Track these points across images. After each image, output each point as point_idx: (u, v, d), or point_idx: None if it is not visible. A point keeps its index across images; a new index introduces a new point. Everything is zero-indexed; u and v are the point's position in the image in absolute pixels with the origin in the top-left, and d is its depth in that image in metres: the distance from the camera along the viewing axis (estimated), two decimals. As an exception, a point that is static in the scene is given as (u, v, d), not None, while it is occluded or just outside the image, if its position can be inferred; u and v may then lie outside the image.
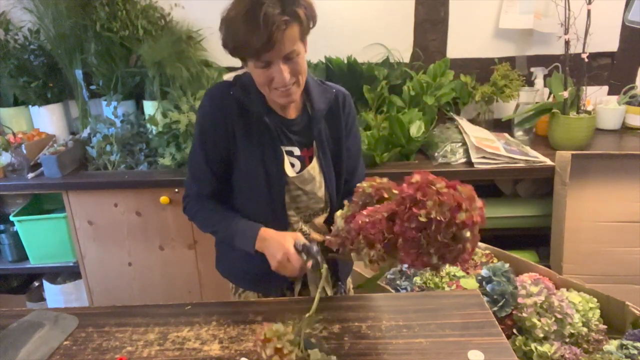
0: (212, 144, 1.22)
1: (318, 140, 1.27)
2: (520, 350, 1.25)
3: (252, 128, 1.21)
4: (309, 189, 1.28)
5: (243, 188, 1.27)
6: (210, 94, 1.23)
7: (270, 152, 1.22)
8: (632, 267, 1.95)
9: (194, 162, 1.27)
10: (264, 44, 1.03)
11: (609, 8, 2.34)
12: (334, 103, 1.29)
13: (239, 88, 1.22)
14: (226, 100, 1.20)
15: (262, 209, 1.26)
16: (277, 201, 1.25)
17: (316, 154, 1.28)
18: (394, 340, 1.09)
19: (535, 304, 1.26)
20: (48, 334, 1.13)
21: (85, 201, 2.09)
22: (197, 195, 1.28)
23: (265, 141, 1.22)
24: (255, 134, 1.21)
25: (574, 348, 1.22)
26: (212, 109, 1.21)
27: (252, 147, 1.22)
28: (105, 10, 2.14)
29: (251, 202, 1.27)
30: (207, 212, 1.28)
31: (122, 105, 2.28)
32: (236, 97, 1.20)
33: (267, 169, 1.23)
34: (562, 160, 1.95)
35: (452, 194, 0.75)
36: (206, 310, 1.22)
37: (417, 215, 0.75)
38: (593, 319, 1.34)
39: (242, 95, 1.21)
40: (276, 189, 1.24)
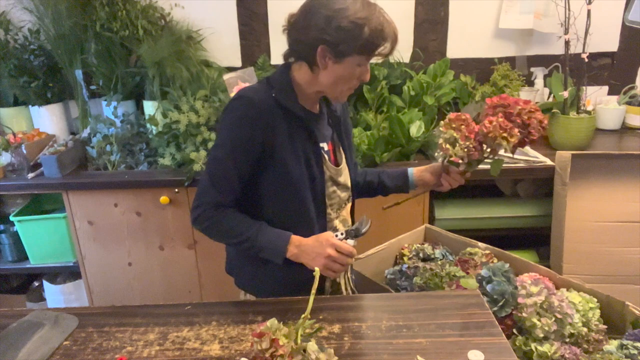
0: (245, 150, 1.17)
1: (339, 132, 1.34)
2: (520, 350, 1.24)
3: (293, 130, 1.20)
4: (342, 180, 1.32)
5: (278, 196, 1.22)
6: (248, 97, 1.16)
7: (312, 151, 1.23)
8: (632, 267, 1.95)
9: (219, 169, 1.19)
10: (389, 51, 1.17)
11: (609, 8, 2.34)
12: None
13: (279, 90, 1.19)
14: (268, 103, 1.17)
15: (302, 213, 1.23)
16: (319, 201, 1.26)
17: (339, 144, 1.34)
18: (394, 340, 1.09)
19: (535, 304, 1.26)
20: (48, 334, 1.13)
21: (85, 201, 2.09)
22: (215, 204, 1.21)
23: (307, 142, 1.22)
24: (296, 136, 1.20)
25: (574, 348, 1.21)
26: (252, 112, 1.15)
27: (296, 149, 1.20)
28: (105, 10, 2.14)
29: (289, 209, 1.23)
30: (229, 221, 1.21)
31: (122, 105, 2.28)
32: (278, 100, 1.18)
33: (310, 170, 1.22)
34: (562, 160, 1.95)
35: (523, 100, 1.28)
36: (206, 310, 1.22)
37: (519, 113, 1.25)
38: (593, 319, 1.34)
39: (283, 96, 1.18)
40: (319, 189, 1.25)
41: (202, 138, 2.03)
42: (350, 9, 1.09)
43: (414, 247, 1.71)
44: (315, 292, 1.02)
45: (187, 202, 2.07)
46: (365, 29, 1.09)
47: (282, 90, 1.19)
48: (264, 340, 0.88)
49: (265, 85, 1.21)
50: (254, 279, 1.35)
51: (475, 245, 1.66)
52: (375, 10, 1.12)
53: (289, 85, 1.20)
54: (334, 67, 1.14)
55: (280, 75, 1.22)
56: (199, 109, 2.08)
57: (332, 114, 1.33)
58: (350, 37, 1.09)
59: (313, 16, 1.11)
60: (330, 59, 1.13)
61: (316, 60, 1.14)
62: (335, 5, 1.10)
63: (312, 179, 1.23)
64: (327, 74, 1.16)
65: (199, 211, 1.22)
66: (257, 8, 2.41)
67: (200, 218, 1.22)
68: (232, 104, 1.18)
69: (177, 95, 2.17)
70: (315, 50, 1.12)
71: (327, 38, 1.10)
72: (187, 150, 2.02)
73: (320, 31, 1.10)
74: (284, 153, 1.18)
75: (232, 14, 2.41)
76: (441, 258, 1.66)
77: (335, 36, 1.09)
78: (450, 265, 1.57)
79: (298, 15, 1.15)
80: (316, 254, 1.17)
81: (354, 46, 1.11)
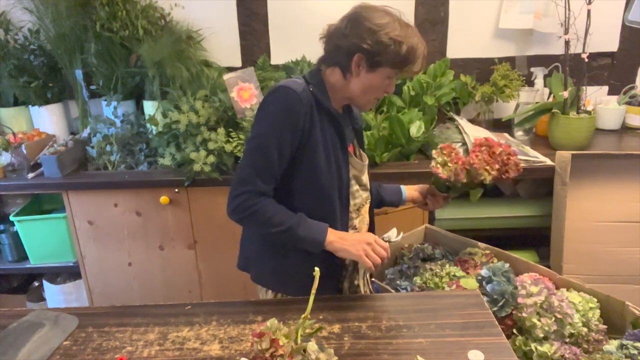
0: (289, 138, 1.21)
1: (358, 134, 1.43)
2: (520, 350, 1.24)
3: (326, 127, 1.26)
4: (364, 179, 1.40)
5: (308, 189, 1.27)
6: (289, 89, 1.21)
7: (341, 150, 1.30)
8: (632, 267, 1.95)
9: (263, 158, 1.21)
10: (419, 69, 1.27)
11: (609, 8, 2.34)
12: None
13: (316, 87, 1.25)
14: (308, 97, 1.22)
15: (327, 209, 1.29)
16: (344, 198, 1.32)
17: (359, 148, 1.43)
18: (394, 340, 1.09)
19: (535, 304, 1.26)
20: (48, 334, 1.13)
21: (85, 201, 2.09)
22: (258, 193, 1.23)
23: (337, 140, 1.29)
24: (328, 133, 1.26)
25: (574, 348, 1.21)
26: (294, 102, 1.20)
27: (327, 145, 1.26)
28: (105, 10, 2.14)
29: (316, 204, 1.28)
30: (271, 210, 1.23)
31: (122, 105, 2.28)
32: (315, 95, 1.24)
33: (338, 167, 1.28)
34: (562, 160, 1.95)
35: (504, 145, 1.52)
36: (206, 310, 1.22)
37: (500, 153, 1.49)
38: (593, 319, 1.34)
39: (320, 93, 1.25)
40: (345, 186, 1.31)
41: (202, 138, 2.03)
42: (391, 26, 1.19)
43: (414, 247, 1.71)
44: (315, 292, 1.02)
45: (187, 202, 2.07)
46: (404, 47, 1.19)
47: (318, 87, 1.26)
48: (264, 340, 0.88)
49: (302, 80, 1.26)
50: (275, 274, 1.36)
51: (475, 245, 1.66)
52: (413, 31, 1.22)
53: (323, 85, 1.28)
54: (366, 76, 1.23)
55: (315, 76, 1.29)
56: (199, 109, 2.08)
57: (352, 117, 1.41)
58: (388, 51, 1.18)
59: (356, 26, 1.20)
60: (364, 68, 1.22)
61: (350, 67, 1.22)
62: (377, 20, 1.19)
63: (339, 175, 1.29)
64: (358, 82, 1.24)
65: (239, 200, 1.23)
66: (257, 8, 2.41)
67: (242, 207, 1.23)
68: (274, 95, 1.22)
69: (177, 95, 2.17)
70: (352, 57, 1.20)
71: (366, 47, 1.18)
72: (187, 150, 2.02)
73: (361, 40, 1.18)
74: (317, 147, 1.24)
75: (232, 14, 2.41)
76: (441, 258, 1.66)
77: (375, 48, 1.18)
78: (450, 265, 1.57)
79: (340, 23, 1.24)
80: (357, 241, 1.23)
81: (389, 59, 1.20)
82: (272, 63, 2.45)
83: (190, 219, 2.11)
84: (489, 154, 1.48)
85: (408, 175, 1.98)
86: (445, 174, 1.46)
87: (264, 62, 2.42)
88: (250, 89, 2.10)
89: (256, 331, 0.90)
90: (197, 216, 2.10)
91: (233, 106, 2.10)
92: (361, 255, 1.21)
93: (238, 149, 2.03)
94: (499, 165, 1.47)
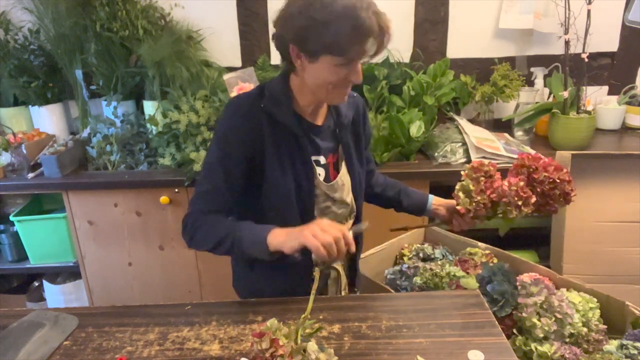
0: (235, 159, 1.14)
1: (346, 145, 1.26)
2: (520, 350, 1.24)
3: (282, 142, 1.15)
4: (338, 196, 1.26)
5: (272, 205, 1.19)
6: (236, 107, 1.14)
7: (301, 165, 1.18)
8: (632, 267, 1.95)
9: (209, 178, 1.16)
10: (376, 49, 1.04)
11: (609, 8, 2.34)
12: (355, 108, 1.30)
13: (270, 99, 1.14)
14: (256, 113, 1.13)
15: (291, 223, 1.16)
16: (308, 215, 1.20)
17: (344, 159, 1.27)
18: (394, 340, 1.09)
19: (535, 304, 1.26)
20: (48, 334, 1.13)
21: (85, 201, 2.09)
22: (201, 212, 1.17)
23: (296, 154, 1.17)
24: (285, 148, 1.16)
25: (574, 348, 1.21)
26: (239, 122, 1.12)
27: (283, 161, 1.16)
28: (105, 10, 2.14)
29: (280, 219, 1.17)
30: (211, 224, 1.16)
31: (122, 105, 2.28)
32: (267, 110, 1.14)
33: (298, 183, 1.18)
34: (562, 160, 1.95)
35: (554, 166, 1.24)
36: (206, 310, 1.22)
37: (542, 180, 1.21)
38: (593, 319, 1.34)
39: (273, 106, 1.14)
40: (307, 203, 1.20)
41: (202, 138, 2.03)
42: (315, 4, 0.98)
43: (414, 247, 1.71)
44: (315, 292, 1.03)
45: (187, 202, 2.07)
46: (332, 27, 0.98)
47: (274, 98, 1.14)
48: (264, 340, 0.88)
49: (257, 92, 1.17)
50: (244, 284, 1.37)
51: (475, 245, 1.66)
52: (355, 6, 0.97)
53: (283, 93, 1.15)
54: (311, 68, 1.06)
55: (277, 82, 1.17)
56: (199, 109, 2.08)
57: (340, 124, 1.26)
58: (316, 36, 0.99)
59: (281, 15, 1.04)
60: (305, 59, 1.05)
61: (294, 62, 1.08)
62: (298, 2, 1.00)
63: (298, 192, 1.18)
64: (308, 76, 1.09)
65: (184, 223, 1.19)
66: (257, 8, 2.41)
67: (187, 230, 1.18)
68: (223, 114, 1.16)
69: (177, 95, 2.17)
70: (288, 50, 1.06)
71: (292, 36, 1.02)
72: (187, 150, 2.02)
73: (286, 29, 1.03)
74: (272, 164, 1.15)
75: (232, 14, 2.41)
76: (441, 258, 1.66)
77: (300, 34, 1.00)
78: (450, 265, 1.57)
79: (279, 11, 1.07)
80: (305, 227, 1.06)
81: (321, 46, 1.01)
82: (272, 63, 2.45)
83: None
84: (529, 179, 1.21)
85: (408, 176, 1.98)
86: (462, 207, 1.26)
87: (264, 62, 2.42)
88: (250, 89, 2.10)
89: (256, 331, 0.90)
90: (197, 216, 2.10)
91: (233, 106, 2.10)
92: (307, 238, 1.03)
93: (238, 149, 2.03)
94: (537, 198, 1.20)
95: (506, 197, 1.19)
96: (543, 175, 1.19)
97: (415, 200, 1.46)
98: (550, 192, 1.20)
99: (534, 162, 1.22)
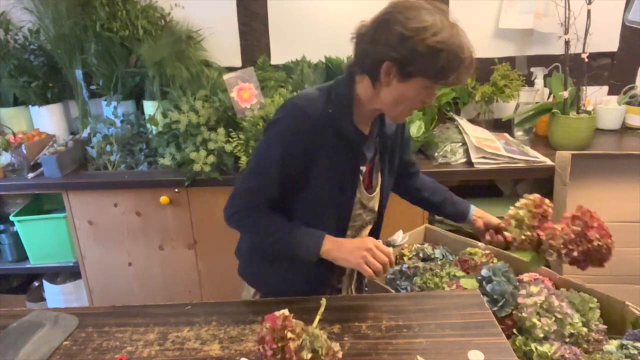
0: (293, 160, 1.13)
1: (383, 156, 1.28)
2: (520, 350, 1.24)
3: (338, 149, 1.15)
4: (370, 205, 1.29)
5: (308, 208, 1.21)
6: (304, 109, 1.11)
7: (351, 174, 1.20)
8: (632, 267, 1.95)
9: (260, 177, 1.17)
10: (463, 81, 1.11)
11: (609, 8, 2.34)
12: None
13: (337, 107, 1.13)
14: (322, 119, 1.12)
15: (325, 228, 1.20)
16: (343, 221, 1.24)
17: (379, 169, 1.29)
18: (394, 340, 1.09)
19: (535, 304, 1.26)
20: (48, 334, 1.13)
21: (85, 201, 2.09)
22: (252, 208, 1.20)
23: (348, 163, 1.18)
24: (339, 156, 1.16)
25: (574, 348, 1.21)
26: (305, 126, 1.11)
27: (333, 168, 1.16)
28: (105, 10, 2.14)
29: (311, 224, 1.20)
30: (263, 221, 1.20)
31: (122, 105, 2.28)
32: (333, 117, 1.13)
33: (343, 191, 1.20)
34: (562, 160, 1.95)
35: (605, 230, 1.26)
36: (206, 310, 1.22)
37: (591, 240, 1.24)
38: (593, 319, 1.34)
39: (339, 114, 1.13)
40: (346, 210, 1.23)
41: (202, 138, 2.03)
42: (430, 30, 1.00)
43: (414, 247, 1.71)
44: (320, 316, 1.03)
45: (187, 202, 2.07)
46: (443, 55, 1.01)
47: (340, 107, 1.14)
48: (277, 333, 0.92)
49: (325, 96, 1.15)
50: (258, 275, 1.37)
51: (475, 245, 1.66)
52: (458, 34, 1.04)
53: (348, 101, 1.14)
54: (398, 86, 1.07)
55: (343, 87, 1.15)
56: (199, 109, 2.08)
57: (382, 134, 1.27)
58: (423, 60, 1.02)
59: (385, 31, 1.03)
60: (394, 77, 1.06)
61: (379, 76, 1.07)
62: (412, 24, 1.00)
63: (340, 200, 1.21)
64: (389, 92, 1.09)
65: (232, 211, 1.22)
66: (257, 8, 2.41)
67: (234, 218, 1.22)
68: (287, 112, 1.14)
69: (177, 95, 2.16)
70: (380, 65, 1.05)
71: (395, 56, 1.02)
72: (187, 150, 2.02)
73: (390, 48, 1.02)
74: (322, 170, 1.16)
75: (232, 14, 2.41)
76: (441, 258, 1.66)
77: (407, 56, 1.02)
78: (450, 265, 1.57)
79: (369, 26, 1.07)
80: (356, 247, 1.14)
81: (424, 70, 1.03)
82: (272, 63, 2.45)
83: (190, 219, 2.11)
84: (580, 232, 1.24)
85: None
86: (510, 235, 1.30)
87: (264, 62, 2.42)
88: (250, 89, 2.10)
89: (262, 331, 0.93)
90: (197, 216, 2.10)
91: (233, 106, 2.10)
92: (360, 264, 1.13)
93: (238, 149, 2.03)
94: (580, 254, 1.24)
95: (555, 241, 1.25)
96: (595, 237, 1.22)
97: (458, 210, 1.47)
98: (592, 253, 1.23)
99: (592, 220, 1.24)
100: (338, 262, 1.17)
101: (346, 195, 1.21)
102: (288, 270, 1.28)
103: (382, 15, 1.06)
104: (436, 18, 1.02)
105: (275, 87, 2.29)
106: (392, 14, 1.03)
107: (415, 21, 1.01)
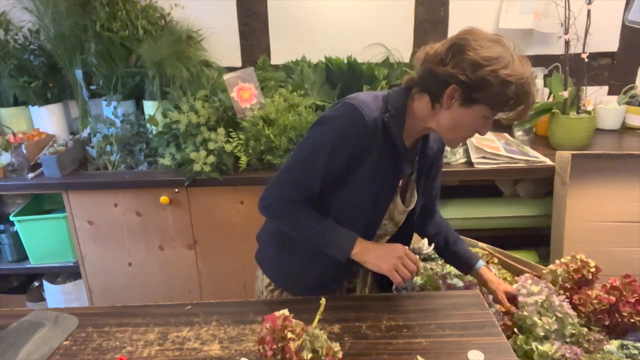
0: (339, 158, 1.14)
1: (420, 175, 1.30)
2: (521, 349, 1.24)
3: (384, 157, 1.16)
4: (398, 218, 1.30)
5: (341, 210, 1.21)
6: (360, 112, 1.10)
7: (390, 183, 1.21)
8: (632, 267, 1.95)
9: (306, 170, 1.17)
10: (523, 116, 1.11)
11: (609, 8, 2.34)
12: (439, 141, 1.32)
13: (393, 116, 1.14)
14: (377, 125, 1.12)
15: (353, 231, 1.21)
16: (371, 228, 1.25)
17: (414, 184, 1.30)
18: (394, 340, 1.09)
19: (536, 303, 1.26)
20: (48, 334, 1.13)
21: (85, 201, 2.09)
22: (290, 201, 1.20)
23: (390, 172, 1.19)
24: (384, 164, 1.17)
25: (575, 347, 1.21)
26: (359, 129, 1.11)
27: (375, 175, 1.17)
28: (105, 10, 2.14)
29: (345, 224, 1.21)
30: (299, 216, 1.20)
31: (122, 105, 2.28)
32: (387, 125, 1.13)
33: (378, 199, 1.20)
34: (562, 160, 1.95)
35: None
36: (206, 310, 1.22)
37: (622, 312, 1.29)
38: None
39: (393, 124, 1.14)
40: (377, 218, 1.24)
41: (202, 138, 2.03)
42: (501, 62, 1.02)
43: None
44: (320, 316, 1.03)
45: (187, 202, 2.07)
46: (512, 88, 1.02)
47: (397, 116, 1.14)
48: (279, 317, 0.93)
49: (382, 104, 1.15)
50: (274, 265, 1.38)
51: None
52: (527, 71, 1.05)
53: (402, 113, 1.15)
54: (458, 111, 1.08)
55: (400, 101, 1.16)
56: (199, 109, 2.08)
57: (424, 153, 1.28)
58: (491, 90, 1.03)
59: (459, 54, 1.03)
60: (457, 101, 1.07)
61: (442, 98, 1.08)
62: (486, 52, 1.02)
63: (374, 207, 1.21)
64: (448, 115, 1.10)
65: (269, 201, 1.22)
66: (257, 8, 2.41)
67: (270, 209, 1.23)
68: (344, 110, 1.13)
69: (177, 95, 2.16)
70: (446, 87, 1.06)
71: (465, 80, 1.03)
72: (187, 150, 2.02)
73: (461, 71, 1.03)
74: (364, 174, 1.16)
75: (232, 14, 2.41)
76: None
77: (475, 83, 1.02)
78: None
79: (441, 47, 1.07)
80: (387, 254, 1.16)
81: (490, 99, 1.04)
82: (272, 63, 2.45)
83: (190, 219, 2.11)
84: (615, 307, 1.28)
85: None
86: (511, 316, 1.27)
87: (264, 62, 2.42)
88: (250, 89, 2.11)
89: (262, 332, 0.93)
90: (197, 216, 2.10)
91: (233, 106, 2.10)
92: (391, 271, 1.15)
93: (238, 149, 2.03)
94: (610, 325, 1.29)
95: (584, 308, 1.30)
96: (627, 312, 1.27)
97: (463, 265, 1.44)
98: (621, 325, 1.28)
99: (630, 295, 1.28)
100: (368, 265, 1.18)
101: (381, 203, 1.22)
102: (306, 264, 1.29)
103: (456, 40, 1.06)
104: (507, 52, 1.04)
105: (275, 87, 2.29)
106: (467, 40, 1.04)
107: (488, 50, 1.02)
